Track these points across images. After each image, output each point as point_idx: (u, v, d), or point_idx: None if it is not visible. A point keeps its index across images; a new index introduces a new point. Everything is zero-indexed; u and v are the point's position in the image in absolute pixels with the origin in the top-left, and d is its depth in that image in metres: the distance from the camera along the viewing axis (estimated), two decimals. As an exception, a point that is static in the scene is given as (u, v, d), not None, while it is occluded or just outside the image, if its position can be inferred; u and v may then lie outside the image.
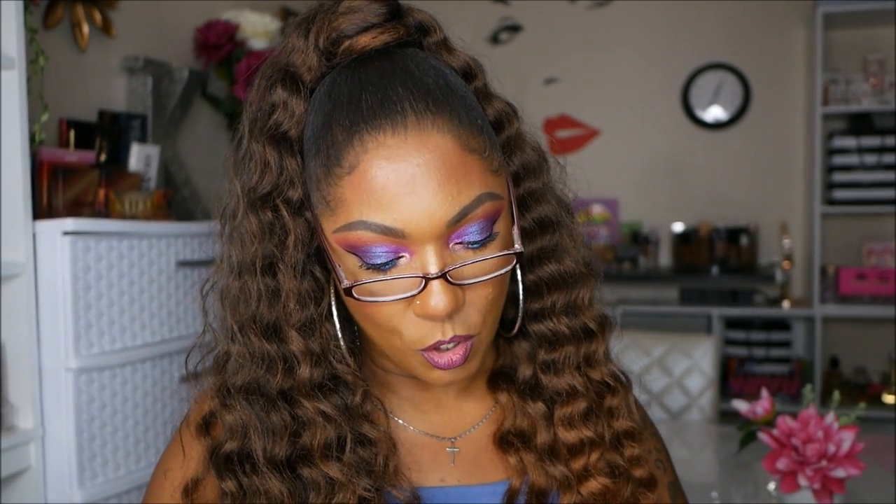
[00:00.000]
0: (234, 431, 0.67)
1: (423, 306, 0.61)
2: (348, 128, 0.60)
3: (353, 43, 0.64)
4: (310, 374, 0.65)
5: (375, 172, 0.59)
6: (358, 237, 0.60)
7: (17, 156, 1.60)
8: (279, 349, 0.65)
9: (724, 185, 3.85)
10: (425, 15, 0.68)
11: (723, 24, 3.80)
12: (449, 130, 0.60)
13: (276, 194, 0.64)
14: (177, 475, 0.71)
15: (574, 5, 3.95)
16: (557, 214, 0.71)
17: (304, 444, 0.65)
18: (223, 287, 0.68)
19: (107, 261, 1.70)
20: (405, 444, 0.71)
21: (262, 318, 0.65)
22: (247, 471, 0.65)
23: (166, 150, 2.29)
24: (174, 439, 0.73)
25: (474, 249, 0.62)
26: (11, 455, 1.59)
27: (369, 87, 0.62)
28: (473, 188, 0.60)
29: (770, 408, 1.47)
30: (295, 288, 0.65)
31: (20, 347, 1.63)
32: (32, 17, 1.81)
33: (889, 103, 3.42)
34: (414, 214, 0.59)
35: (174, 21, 2.45)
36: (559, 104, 3.96)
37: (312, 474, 0.65)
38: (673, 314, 3.71)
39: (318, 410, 0.65)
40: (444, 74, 0.64)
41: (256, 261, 0.65)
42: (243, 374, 0.66)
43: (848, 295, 3.50)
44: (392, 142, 0.59)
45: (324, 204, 0.62)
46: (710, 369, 2.41)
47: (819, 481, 1.30)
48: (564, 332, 0.72)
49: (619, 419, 0.74)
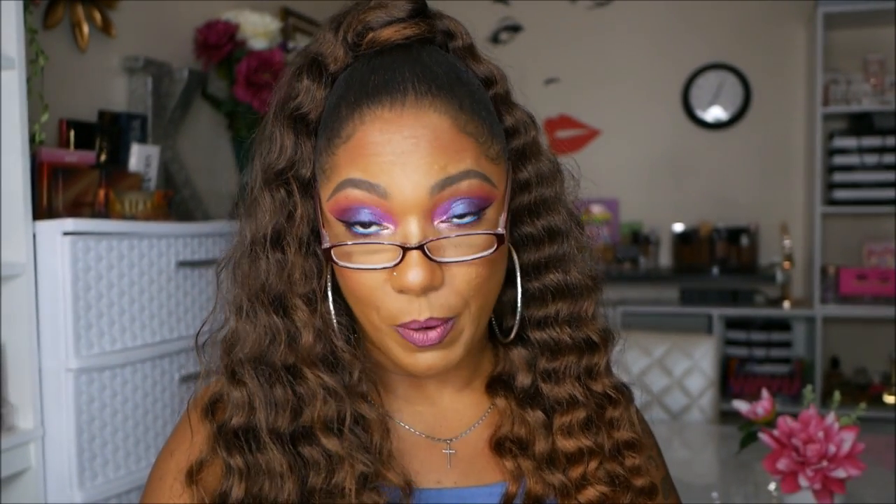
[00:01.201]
0: (241, 407, 0.68)
1: (399, 278, 0.62)
2: (352, 103, 0.64)
3: (376, 35, 0.67)
4: (313, 342, 0.67)
5: (369, 140, 0.62)
6: (345, 196, 0.63)
7: (17, 156, 1.60)
8: (284, 322, 0.67)
9: (725, 185, 3.85)
10: (454, 22, 0.70)
11: (723, 24, 3.80)
12: (446, 112, 0.63)
13: (290, 171, 0.68)
14: (182, 456, 0.71)
15: (574, 5, 3.95)
16: (567, 225, 0.73)
17: (306, 420, 0.67)
18: (236, 262, 0.71)
19: (107, 261, 1.70)
20: (402, 444, 0.71)
21: (270, 289, 0.68)
22: (252, 448, 0.67)
23: (166, 151, 2.29)
24: (182, 420, 0.74)
25: (458, 226, 0.63)
26: (11, 455, 1.58)
27: (380, 70, 0.65)
28: (462, 163, 0.62)
29: (770, 408, 1.47)
30: (300, 261, 0.68)
31: (20, 347, 1.63)
32: (32, 17, 1.81)
33: (889, 103, 3.42)
34: (398, 178, 0.61)
35: (174, 21, 2.45)
36: (559, 104, 3.97)
37: (313, 452, 0.66)
38: (673, 314, 3.71)
39: (321, 383, 0.67)
40: (457, 69, 0.67)
41: (267, 234, 0.68)
42: (250, 346, 0.68)
43: (848, 295, 3.50)
44: (388, 115, 0.62)
45: (322, 174, 0.65)
46: (711, 369, 2.41)
47: (819, 481, 1.30)
48: (567, 341, 0.72)
49: (621, 430, 0.74)
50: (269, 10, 2.57)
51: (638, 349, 2.46)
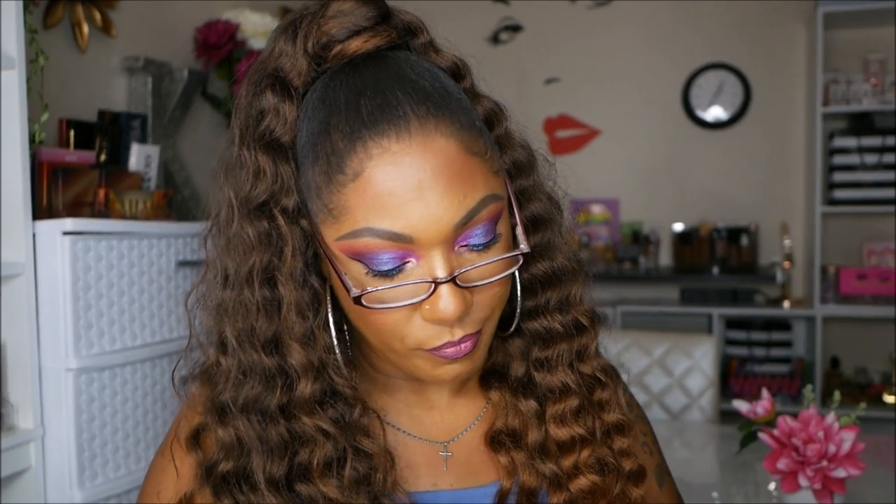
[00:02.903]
0: (230, 450, 0.65)
1: (433, 311, 0.60)
2: (349, 134, 0.59)
3: (344, 47, 0.63)
4: (310, 389, 0.64)
5: (381, 178, 0.58)
6: (364, 244, 0.59)
7: (17, 156, 1.60)
8: (279, 363, 0.64)
9: (725, 185, 3.85)
10: (412, 16, 0.67)
11: (723, 23, 3.80)
12: (451, 134, 0.60)
13: (273, 203, 0.63)
14: (170, 494, 0.69)
15: (574, 5, 3.95)
16: (549, 211, 0.72)
17: (302, 462, 0.64)
18: (218, 299, 0.66)
19: (107, 261, 1.70)
20: (399, 449, 0.71)
21: (261, 332, 0.64)
22: (244, 490, 0.64)
23: (166, 150, 2.29)
24: (162, 456, 0.72)
25: (479, 251, 0.62)
26: (11, 455, 1.58)
27: (367, 91, 0.61)
28: (478, 190, 0.60)
29: (770, 408, 1.47)
30: (296, 299, 0.63)
31: (20, 347, 1.63)
32: (32, 17, 1.81)
33: (890, 103, 3.42)
34: (421, 220, 0.58)
35: (174, 21, 2.45)
36: (559, 104, 3.96)
37: (310, 491, 0.64)
38: (673, 314, 3.71)
39: (318, 427, 0.64)
40: (439, 77, 0.64)
41: (254, 272, 0.63)
42: (242, 391, 0.64)
43: (848, 295, 3.50)
44: (397, 147, 0.58)
45: (325, 212, 0.61)
46: (711, 369, 2.41)
47: (819, 481, 1.30)
48: (558, 329, 0.72)
49: (609, 412, 0.74)
50: (269, 10, 2.57)
51: (638, 349, 2.46)
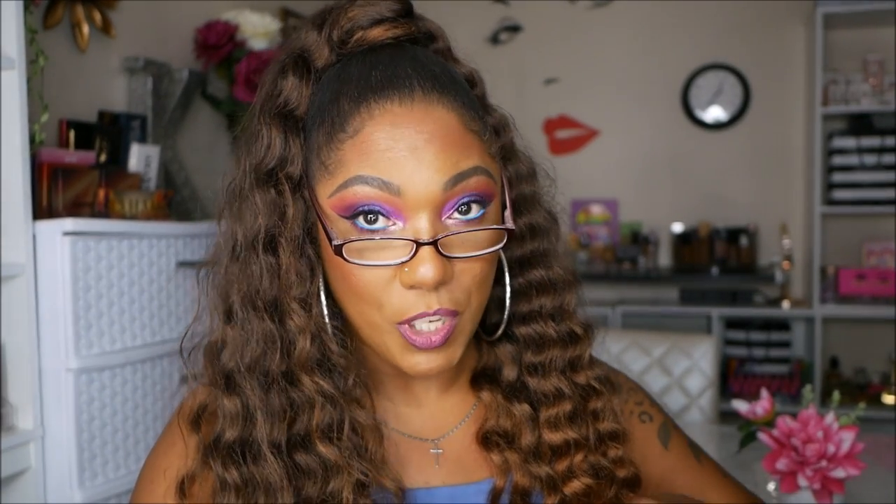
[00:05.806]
0: (235, 418, 0.66)
1: (412, 273, 0.61)
2: (356, 98, 0.63)
3: (365, 34, 0.67)
4: (308, 349, 0.66)
5: (379, 135, 0.61)
6: (353, 193, 0.62)
7: (17, 156, 1.60)
8: (278, 327, 0.66)
9: (724, 185, 3.85)
10: (434, 24, 0.71)
11: (723, 24, 3.80)
12: (453, 108, 0.63)
13: (279, 170, 0.66)
14: (173, 473, 0.70)
15: (574, 5, 3.95)
16: (546, 221, 0.75)
17: (302, 427, 0.65)
18: (224, 267, 0.69)
19: (107, 261, 1.70)
20: (390, 446, 0.71)
21: (264, 294, 0.66)
22: (248, 460, 0.65)
23: (166, 151, 2.29)
24: (171, 433, 0.72)
25: (466, 223, 0.63)
26: (11, 455, 1.58)
27: (379, 65, 0.64)
28: (471, 159, 0.63)
29: (770, 408, 1.47)
30: (294, 263, 0.66)
31: (20, 347, 1.63)
32: (32, 17, 1.81)
33: (889, 104, 3.42)
34: (412, 175, 0.61)
35: (174, 21, 2.45)
36: (559, 104, 3.96)
37: (308, 460, 0.65)
38: (673, 314, 3.71)
39: (318, 389, 0.65)
40: (449, 69, 0.68)
41: (259, 237, 0.66)
42: (247, 352, 0.66)
43: (848, 295, 3.50)
44: (399, 110, 0.62)
45: (322, 170, 0.64)
46: (710, 369, 2.41)
47: (819, 481, 1.30)
48: (552, 335, 0.73)
49: (604, 421, 0.75)
50: (268, 11, 2.57)
51: (638, 349, 2.46)
